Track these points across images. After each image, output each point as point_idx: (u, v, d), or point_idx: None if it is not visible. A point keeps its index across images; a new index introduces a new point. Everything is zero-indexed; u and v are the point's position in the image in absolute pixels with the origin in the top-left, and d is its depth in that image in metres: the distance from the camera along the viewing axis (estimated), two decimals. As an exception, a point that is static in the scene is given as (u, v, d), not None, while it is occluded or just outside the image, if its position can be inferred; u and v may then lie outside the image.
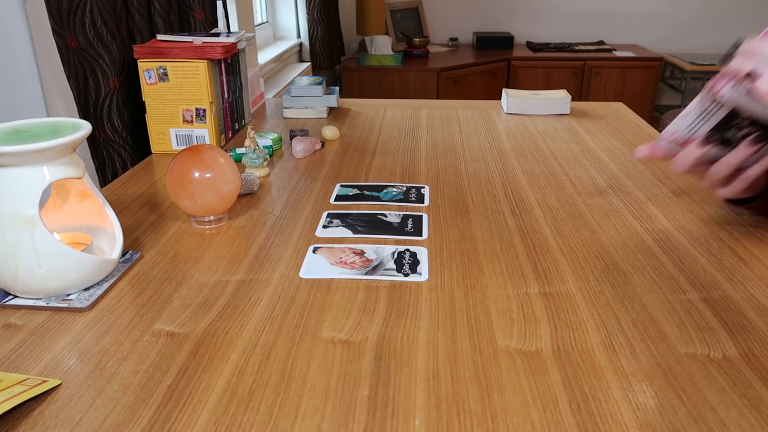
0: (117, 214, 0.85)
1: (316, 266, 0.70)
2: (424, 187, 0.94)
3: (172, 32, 1.24)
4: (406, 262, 0.70)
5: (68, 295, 0.63)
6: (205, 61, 1.04)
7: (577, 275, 0.68)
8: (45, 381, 0.50)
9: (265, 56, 2.45)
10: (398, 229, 0.79)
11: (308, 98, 1.34)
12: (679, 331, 0.57)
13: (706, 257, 0.72)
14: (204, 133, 1.08)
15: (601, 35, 3.73)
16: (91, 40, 1.04)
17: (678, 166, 0.71)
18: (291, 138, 1.18)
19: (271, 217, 0.84)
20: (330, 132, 1.18)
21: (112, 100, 1.09)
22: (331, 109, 1.42)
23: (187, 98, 1.06)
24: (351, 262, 0.70)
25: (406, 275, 0.68)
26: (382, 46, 3.25)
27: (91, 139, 1.07)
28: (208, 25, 1.36)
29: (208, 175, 0.75)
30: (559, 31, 3.74)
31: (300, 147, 1.08)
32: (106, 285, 0.65)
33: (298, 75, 2.63)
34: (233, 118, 1.21)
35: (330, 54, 2.96)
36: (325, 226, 0.80)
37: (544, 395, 0.49)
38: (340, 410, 0.48)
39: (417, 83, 3.14)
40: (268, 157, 1.02)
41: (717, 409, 0.47)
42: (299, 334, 0.57)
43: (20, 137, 0.59)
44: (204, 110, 1.06)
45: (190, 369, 0.52)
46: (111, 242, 0.69)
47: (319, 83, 1.35)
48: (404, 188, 0.94)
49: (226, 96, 1.15)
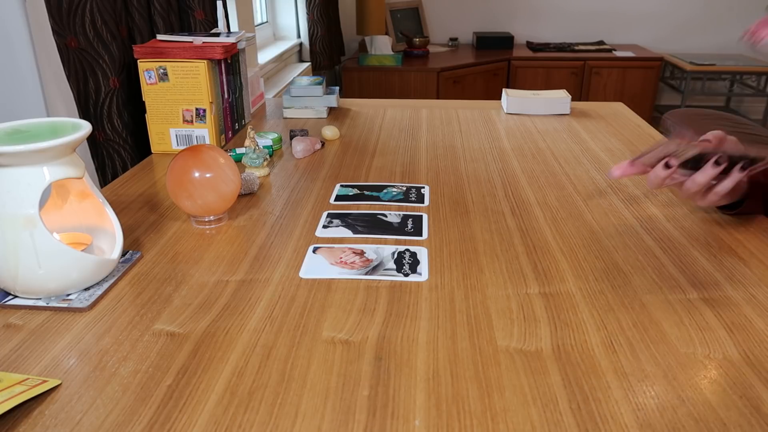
0: (117, 214, 0.85)
1: (316, 266, 0.70)
2: (424, 187, 0.94)
3: (172, 32, 1.24)
4: (406, 262, 0.70)
5: (68, 295, 0.63)
6: (205, 61, 1.04)
7: (577, 275, 0.68)
8: (45, 381, 0.50)
9: (265, 56, 2.45)
10: (398, 229, 0.79)
11: (308, 98, 1.34)
12: (679, 331, 0.57)
13: (706, 257, 0.72)
14: (204, 133, 1.08)
15: (601, 35, 3.73)
16: (91, 40, 1.04)
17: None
18: (291, 138, 1.18)
19: (271, 217, 0.84)
20: (330, 132, 1.18)
21: (112, 100, 1.09)
22: (331, 109, 1.42)
23: (187, 98, 1.06)
24: (351, 262, 0.70)
25: (406, 275, 0.68)
26: (382, 46, 3.25)
27: (91, 139, 1.07)
28: (208, 25, 1.36)
29: (208, 175, 0.75)
30: (559, 31, 3.74)
31: (300, 147, 1.08)
32: (106, 285, 0.65)
33: (298, 75, 2.63)
34: (233, 118, 1.21)
35: (330, 54, 2.96)
36: (325, 226, 0.80)
37: (544, 395, 0.49)
38: (340, 410, 0.48)
39: (417, 83, 3.14)
40: (268, 157, 1.02)
41: (717, 409, 0.47)
42: (299, 334, 0.57)
43: (20, 137, 0.59)
44: (204, 110, 1.06)
45: (190, 369, 0.53)
46: (111, 242, 0.69)
47: (319, 83, 1.35)
48: (404, 188, 0.94)
49: (226, 96, 1.15)
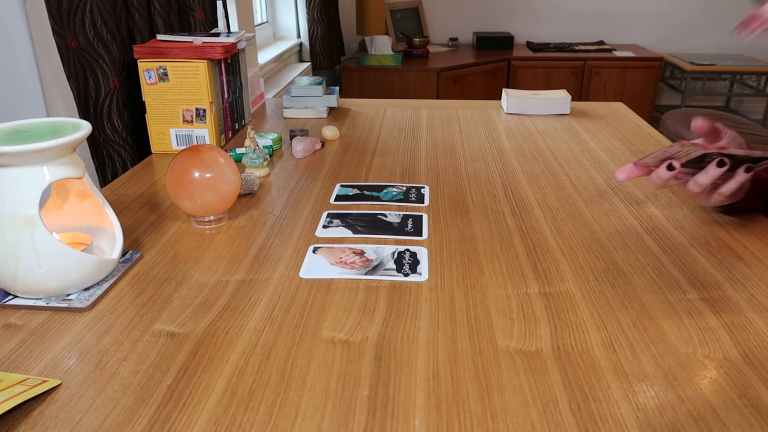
0: (117, 214, 0.85)
1: (316, 266, 0.70)
2: (424, 187, 0.94)
3: (172, 32, 1.24)
4: (406, 262, 0.70)
5: (68, 295, 0.63)
6: (205, 61, 1.04)
7: (577, 275, 0.68)
8: (45, 381, 0.50)
9: (265, 56, 2.45)
10: (398, 229, 0.79)
11: (308, 98, 1.34)
12: (679, 331, 0.57)
13: (706, 257, 0.72)
14: (204, 133, 1.08)
15: (601, 35, 3.73)
16: (91, 40, 1.04)
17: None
18: (291, 138, 1.18)
19: (271, 217, 0.84)
20: (330, 132, 1.18)
21: (112, 100, 1.09)
22: (331, 109, 1.42)
23: (187, 98, 1.06)
24: (351, 262, 0.70)
25: (406, 275, 0.68)
26: (382, 46, 3.25)
27: (91, 139, 1.07)
28: (208, 25, 1.36)
29: (208, 175, 0.75)
30: (559, 31, 3.74)
31: (300, 147, 1.08)
32: (106, 285, 0.65)
33: (298, 75, 2.63)
34: (233, 118, 1.21)
35: (330, 54, 2.96)
36: (325, 226, 0.80)
37: (544, 395, 0.49)
38: (340, 410, 0.48)
39: (417, 83, 3.14)
40: (268, 157, 1.02)
41: (717, 409, 0.47)
42: (299, 334, 0.57)
43: (20, 137, 0.59)
44: (204, 110, 1.06)
45: (190, 369, 0.52)
46: (111, 242, 0.69)
47: (319, 83, 1.35)
48: (404, 188, 0.94)
49: (226, 96, 1.15)
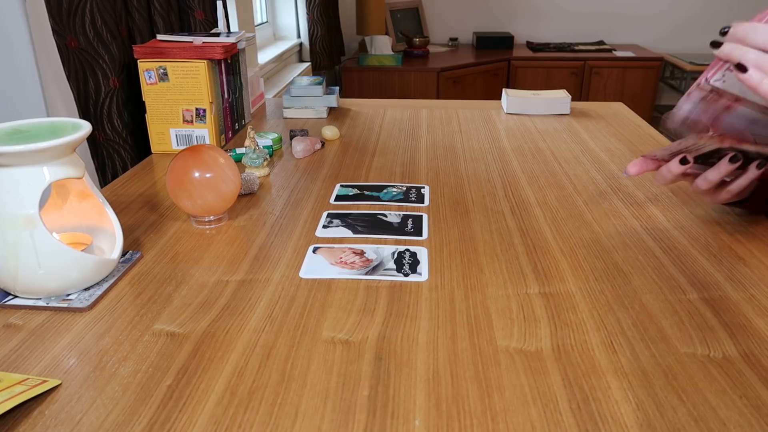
0: (117, 214, 0.85)
1: (316, 266, 0.70)
2: (424, 187, 0.94)
3: (172, 32, 1.24)
4: (406, 262, 0.70)
5: (68, 295, 0.63)
6: (205, 61, 1.04)
7: (577, 275, 0.68)
8: (45, 381, 0.50)
9: (265, 56, 2.45)
10: (398, 229, 0.79)
11: (308, 98, 1.34)
12: (679, 331, 0.57)
13: (706, 257, 0.72)
14: (204, 133, 1.08)
15: (601, 35, 3.73)
16: (91, 40, 1.04)
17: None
18: (291, 138, 1.18)
19: (271, 217, 0.84)
20: (330, 132, 1.18)
21: (112, 100, 1.09)
22: (331, 109, 1.42)
23: (187, 98, 1.06)
24: (351, 262, 0.70)
25: (406, 275, 0.68)
26: (382, 46, 3.25)
27: (91, 139, 1.07)
28: (208, 25, 1.36)
29: (208, 175, 0.75)
30: (559, 31, 3.74)
31: (300, 147, 1.08)
32: (106, 285, 0.65)
33: (298, 75, 2.63)
34: (233, 118, 1.21)
35: (330, 54, 2.96)
36: (325, 226, 0.80)
37: (544, 395, 0.49)
38: (340, 410, 0.48)
39: (417, 83, 3.14)
40: (268, 157, 1.02)
41: (717, 409, 0.47)
42: (299, 334, 0.57)
43: (20, 137, 0.59)
44: (204, 110, 1.06)
45: (190, 369, 0.52)
46: (111, 242, 0.69)
47: (319, 83, 1.35)
48: (404, 188, 0.94)
49: (226, 96, 1.15)
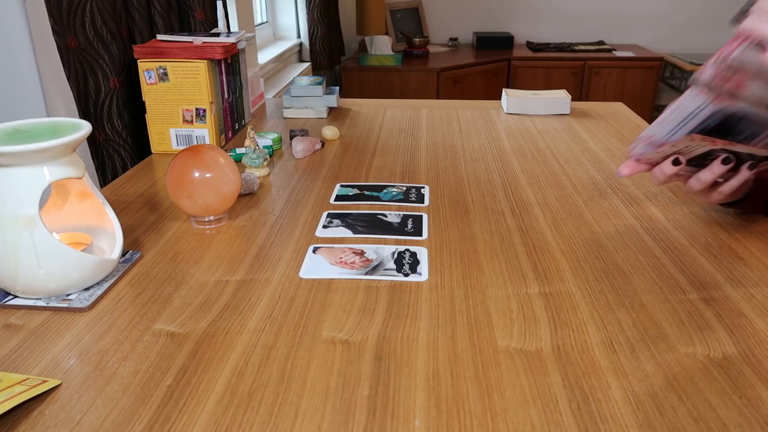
0: (117, 214, 0.85)
1: (316, 266, 0.70)
2: (424, 187, 0.94)
3: (172, 32, 1.24)
4: (406, 262, 0.70)
5: (68, 295, 0.63)
6: (205, 61, 1.04)
7: (577, 275, 0.68)
8: (45, 381, 0.50)
9: (265, 56, 2.45)
10: (398, 229, 0.79)
11: (308, 98, 1.34)
12: (679, 331, 0.57)
13: (706, 257, 0.72)
14: (204, 133, 1.08)
15: (601, 35, 3.73)
16: (91, 40, 1.04)
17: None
18: (291, 138, 1.18)
19: (271, 217, 0.84)
20: (330, 132, 1.18)
21: (112, 100, 1.09)
22: (331, 109, 1.42)
23: (187, 98, 1.06)
24: (351, 262, 0.70)
25: (406, 275, 0.68)
26: (382, 46, 3.25)
27: (91, 139, 1.07)
28: (208, 25, 1.36)
29: (208, 175, 0.75)
30: (559, 31, 3.74)
31: (300, 147, 1.08)
32: (106, 285, 0.65)
33: (298, 75, 2.63)
34: (233, 118, 1.21)
35: (330, 54, 2.96)
36: (325, 226, 0.80)
37: (544, 395, 0.49)
38: (340, 410, 0.48)
39: (417, 83, 3.14)
40: (268, 157, 1.02)
41: (717, 409, 0.47)
42: (299, 334, 0.57)
43: (20, 137, 0.59)
44: (204, 110, 1.06)
45: (190, 369, 0.52)
46: (111, 242, 0.69)
47: (319, 83, 1.35)
48: (404, 188, 0.94)
49: (226, 96, 1.15)
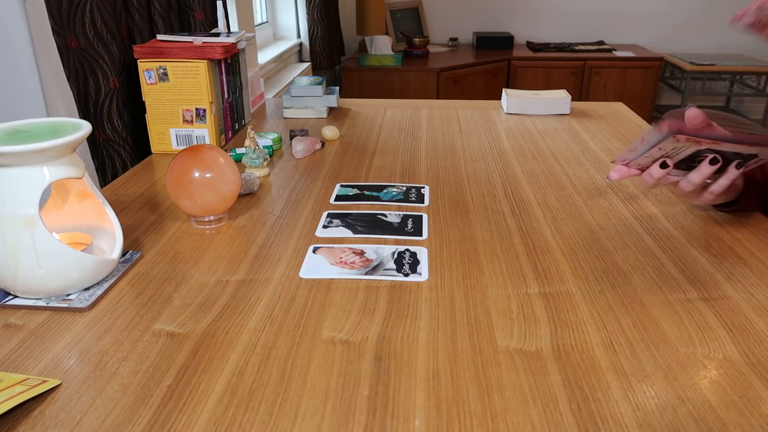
0: (117, 214, 0.85)
1: (316, 266, 0.70)
2: (424, 187, 0.94)
3: (172, 32, 1.24)
4: (406, 262, 0.70)
5: (68, 295, 0.63)
6: (205, 61, 1.04)
7: (577, 275, 0.68)
8: (45, 381, 0.50)
9: (265, 56, 2.45)
10: (398, 229, 0.79)
11: (308, 98, 1.34)
12: (679, 331, 0.57)
13: (706, 257, 0.72)
14: (204, 133, 1.08)
15: (601, 35, 3.73)
16: (91, 40, 1.04)
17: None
18: (291, 138, 1.18)
19: (271, 217, 0.84)
20: (330, 132, 1.18)
21: (112, 100, 1.09)
22: (331, 109, 1.42)
23: (187, 98, 1.06)
24: (351, 262, 0.70)
25: (406, 275, 0.68)
26: (382, 46, 3.25)
27: (91, 139, 1.07)
28: (208, 25, 1.36)
29: (208, 175, 0.75)
30: (559, 31, 3.74)
31: (300, 147, 1.08)
32: (106, 285, 0.65)
33: (298, 75, 2.63)
34: (233, 118, 1.21)
35: (330, 54, 2.96)
36: (325, 226, 0.80)
37: (544, 395, 0.49)
38: (340, 410, 0.48)
39: (417, 83, 3.14)
40: (268, 157, 1.02)
41: (717, 409, 0.48)
42: (299, 334, 0.57)
43: (20, 137, 0.59)
44: (204, 110, 1.06)
45: (190, 369, 0.53)
46: (111, 242, 0.69)
47: (319, 83, 1.35)
48: (404, 188, 0.94)
49: (226, 96, 1.15)
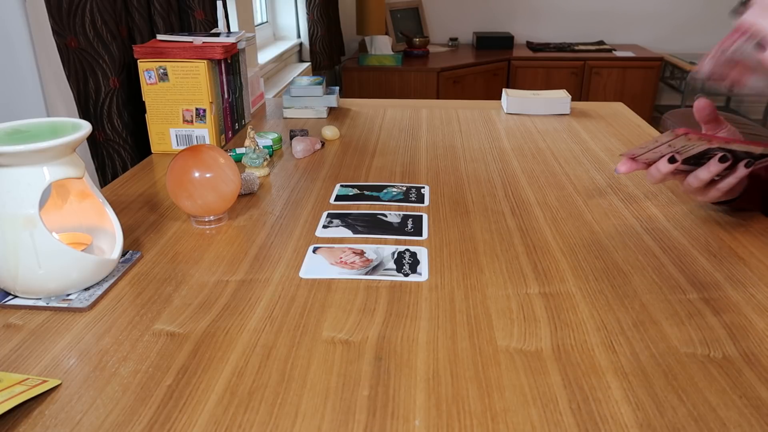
0: (117, 214, 0.85)
1: (316, 266, 0.70)
2: (424, 187, 0.94)
3: (172, 32, 1.24)
4: (406, 262, 0.70)
5: (68, 295, 0.63)
6: (205, 61, 1.04)
7: (577, 275, 0.68)
8: (45, 381, 0.50)
9: (265, 56, 2.45)
10: (398, 229, 0.79)
11: (308, 98, 1.34)
12: (679, 331, 0.57)
13: (706, 257, 0.72)
14: (204, 133, 1.08)
15: (601, 35, 3.73)
16: (91, 40, 1.04)
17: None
18: (291, 138, 1.18)
19: (271, 217, 0.84)
20: (330, 132, 1.18)
21: (112, 100, 1.09)
22: (331, 109, 1.42)
23: (187, 98, 1.06)
24: (351, 262, 0.70)
25: (406, 275, 0.68)
26: (382, 46, 3.25)
27: (91, 139, 1.07)
28: (208, 25, 1.36)
29: (208, 175, 0.75)
30: (559, 31, 3.74)
31: (300, 147, 1.08)
32: (106, 285, 0.65)
33: (298, 75, 2.63)
34: (233, 118, 1.21)
35: (330, 54, 2.96)
36: (325, 226, 0.80)
37: (544, 395, 0.49)
38: (340, 410, 0.48)
39: (417, 83, 3.14)
40: (268, 157, 1.02)
41: (717, 409, 0.48)
42: (299, 334, 0.57)
43: (20, 137, 0.59)
44: (204, 110, 1.06)
45: (190, 369, 0.53)
46: (111, 242, 0.69)
47: (319, 83, 1.35)
48: (404, 188, 0.94)
49: (226, 96, 1.15)
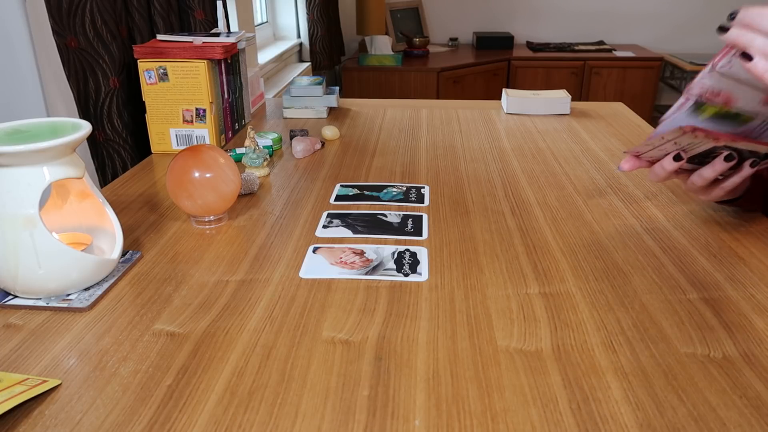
0: (117, 214, 0.85)
1: (316, 266, 0.70)
2: (424, 187, 0.94)
3: (172, 32, 1.24)
4: (406, 262, 0.70)
5: (68, 295, 0.63)
6: (205, 61, 1.04)
7: (577, 275, 0.68)
8: (45, 381, 0.50)
9: (265, 56, 2.45)
10: (398, 229, 0.79)
11: (308, 98, 1.34)
12: (679, 331, 0.57)
13: (706, 257, 0.72)
14: (204, 133, 1.08)
15: (601, 35, 3.73)
16: (91, 40, 1.04)
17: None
18: (291, 138, 1.18)
19: (271, 217, 0.84)
20: (330, 132, 1.18)
21: (112, 100, 1.09)
22: (331, 109, 1.42)
23: (187, 98, 1.06)
24: (351, 262, 0.70)
25: (406, 275, 0.68)
26: (382, 46, 3.25)
27: (91, 139, 1.07)
28: (208, 25, 1.36)
29: (208, 175, 0.75)
30: (559, 31, 3.74)
31: (300, 147, 1.08)
32: (106, 285, 0.65)
33: (298, 75, 2.63)
34: (233, 118, 1.21)
35: (330, 54, 2.96)
36: (325, 226, 0.80)
37: (544, 395, 0.49)
38: (340, 410, 0.48)
39: (417, 83, 3.14)
40: (268, 157, 1.02)
41: (717, 409, 0.48)
42: (299, 334, 0.57)
43: (20, 137, 0.59)
44: (204, 110, 1.06)
45: (190, 369, 0.53)
46: (111, 242, 0.69)
47: (319, 83, 1.35)
48: (404, 188, 0.94)
49: (226, 96, 1.15)
